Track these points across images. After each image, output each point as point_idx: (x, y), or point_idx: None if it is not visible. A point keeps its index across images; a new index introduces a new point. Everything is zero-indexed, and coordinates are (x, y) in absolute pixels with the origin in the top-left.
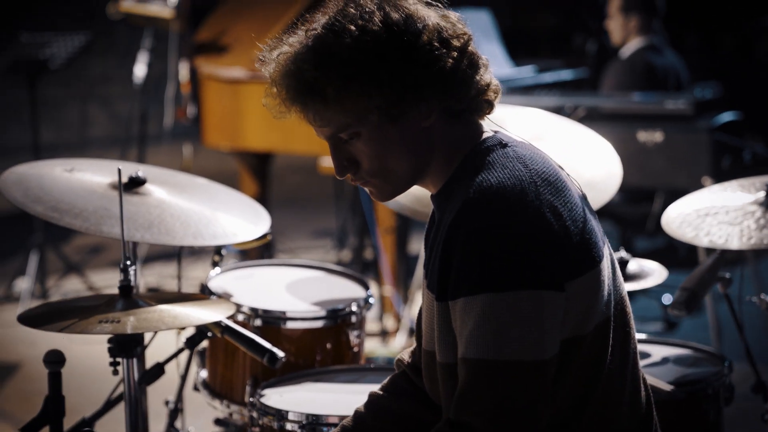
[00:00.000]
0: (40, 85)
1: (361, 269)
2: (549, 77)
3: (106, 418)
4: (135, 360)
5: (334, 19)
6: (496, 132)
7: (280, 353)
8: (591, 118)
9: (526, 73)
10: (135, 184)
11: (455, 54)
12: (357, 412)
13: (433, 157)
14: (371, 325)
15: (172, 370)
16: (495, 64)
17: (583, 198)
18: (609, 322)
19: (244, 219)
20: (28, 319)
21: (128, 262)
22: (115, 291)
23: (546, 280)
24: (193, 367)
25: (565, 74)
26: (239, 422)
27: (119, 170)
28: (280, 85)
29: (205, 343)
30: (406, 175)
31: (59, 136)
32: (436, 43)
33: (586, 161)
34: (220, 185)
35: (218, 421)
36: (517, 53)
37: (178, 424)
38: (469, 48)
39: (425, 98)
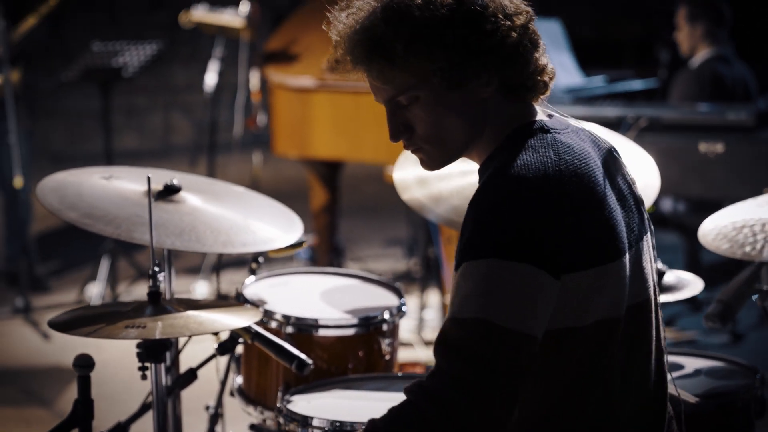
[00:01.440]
0: (123, 94)
1: (425, 277)
2: (619, 87)
3: (142, 422)
4: (163, 365)
5: None
6: (551, 116)
7: (308, 360)
8: (653, 129)
9: (596, 83)
10: (170, 191)
11: (518, 29)
12: (371, 422)
13: (485, 130)
14: (430, 333)
15: (213, 375)
16: (565, 73)
17: (624, 198)
18: (616, 324)
19: (276, 227)
20: (58, 323)
21: (156, 269)
22: (183, 296)
23: (546, 264)
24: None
25: (636, 84)
26: (273, 428)
27: (149, 178)
28: (349, 41)
29: (240, 350)
30: (459, 144)
31: (143, 143)
32: (500, 15)
33: None
34: (257, 193)
35: (253, 427)
36: (600, 63)
37: (218, 428)
38: (531, 26)
39: (486, 68)
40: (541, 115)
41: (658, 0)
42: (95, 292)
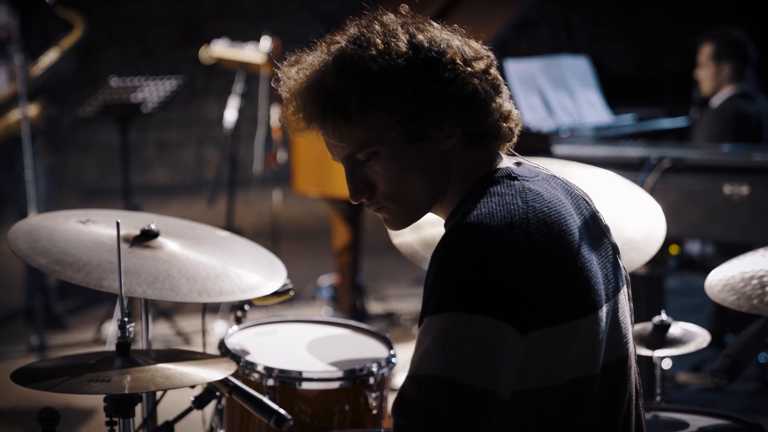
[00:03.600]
0: (156, 128)
1: None
2: (648, 126)
3: None
4: (131, 420)
5: (360, 33)
6: (519, 163)
7: (288, 416)
8: (676, 170)
9: (625, 121)
10: (147, 237)
11: (478, 75)
12: None
13: (449, 183)
14: None
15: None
16: (592, 111)
17: (600, 248)
18: (590, 382)
19: (259, 274)
20: (20, 375)
21: (126, 318)
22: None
23: (512, 318)
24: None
25: (666, 123)
26: None
27: (117, 224)
28: (300, 98)
29: (224, 402)
30: (422, 200)
31: (174, 178)
32: (459, 62)
33: (629, 221)
34: (240, 238)
35: None
36: (635, 100)
37: None
38: (491, 71)
39: (446, 117)
40: (507, 163)
41: (696, 34)
42: (112, 330)
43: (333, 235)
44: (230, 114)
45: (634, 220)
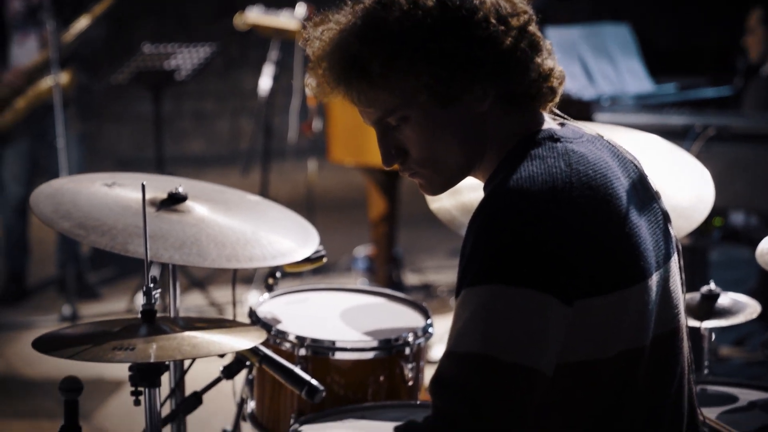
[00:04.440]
0: (192, 98)
1: None
2: (691, 95)
3: None
4: (157, 390)
5: None
6: (563, 124)
7: (320, 386)
8: (721, 139)
9: (667, 90)
10: (174, 200)
11: (514, 32)
12: None
13: (486, 146)
14: None
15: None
16: (633, 80)
17: (650, 214)
18: (640, 354)
19: (291, 240)
20: (42, 343)
21: (151, 285)
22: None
23: (555, 289)
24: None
25: (709, 92)
26: None
27: (143, 186)
28: (324, 62)
29: (254, 372)
30: (457, 165)
31: (209, 148)
32: (493, 20)
33: (677, 187)
34: (272, 203)
35: None
36: (677, 70)
37: None
38: (530, 28)
39: (479, 79)
40: (550, 124)
41: (739, 7)
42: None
43: (369, 205)
44: (265, 82)
45: (682, 185)
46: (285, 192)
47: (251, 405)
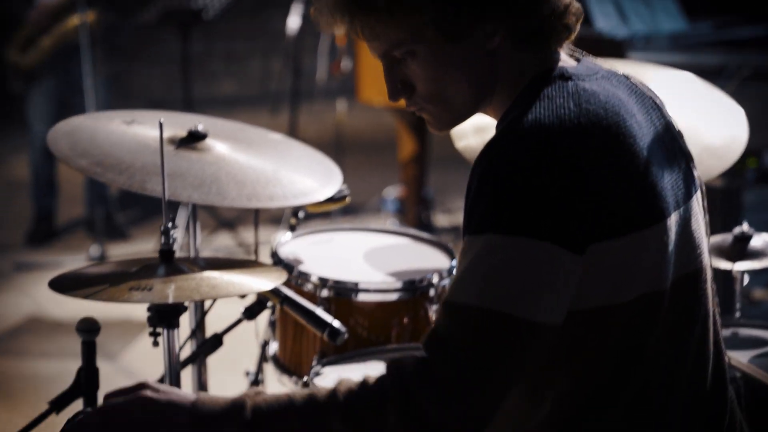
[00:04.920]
0: (223, 39)
1: None
2: (726, 34)
3: None
4: (176, 331)
5: None
6: (579, 60)
7: (342, 328)
8: (756, 78)
9: (702, 29)
10: (194, 138)
11: None
12: (337, 388)
13: (495, 84)
14: None
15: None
16: (667, 18)
17: (669, 153)
18: (659, 297)
19: (313, 179)
20: (57, 283)
21: (169, 224)
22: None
23: (561, 237)
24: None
25: (745, 32)
26: None
27: (160, 123)
28: None
29: (277, 314)
30: (465, 103)
31: (240, 89)
32: None
33: (709, 126)
34: (295, 141)
35: None
36: (717, 8)
37: None
38: None
39: (487, 16)
40: (564, 62)
41: None
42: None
43: (399, 146)
44: (293, 21)
45: (715, 124)
46: (313, 133)
47: (274, 347)
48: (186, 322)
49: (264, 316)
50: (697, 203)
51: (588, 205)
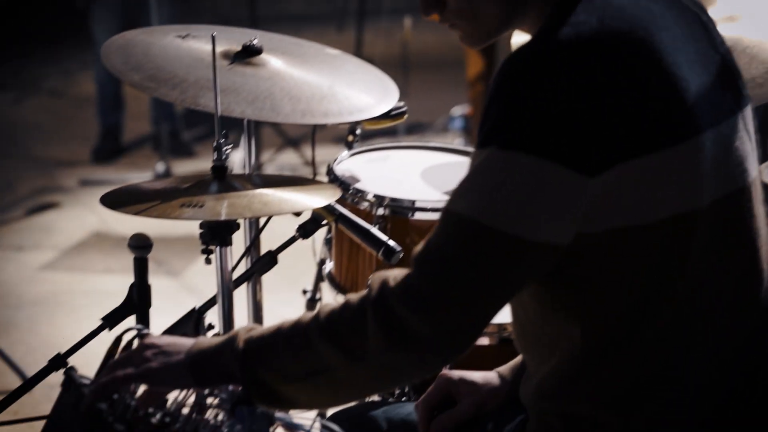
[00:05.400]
0: None
1: None
2: None
3: None
4: (229, 249)
5: None
6: None
7: (398, 247)
8: None
9: None
10: (249, 53)
11: None
12: (323, 307)
13: (528, 1)
14: None
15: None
16: None
17: (708, 69)
18: (693, 220)
19: (368, 95)
20: (109, 199)
21: (222, 140)
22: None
23: (568, 157)
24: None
25: None
26: None
27: (213, 37)
28: None
29: (333, 232)
30: (496, 19)
31: (308, 7)
32: None
33: None
34: (351, 57)
35: None
36: None
37: None
38: None
39: None
40: None
41: None
42: (238, 158)
43: (466, 64)
44: None
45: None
46: (380, 50)
47: (330, 265)
48: (242, 240)
49: (321, 235)
50: (742, 121)
51: (603, 125)
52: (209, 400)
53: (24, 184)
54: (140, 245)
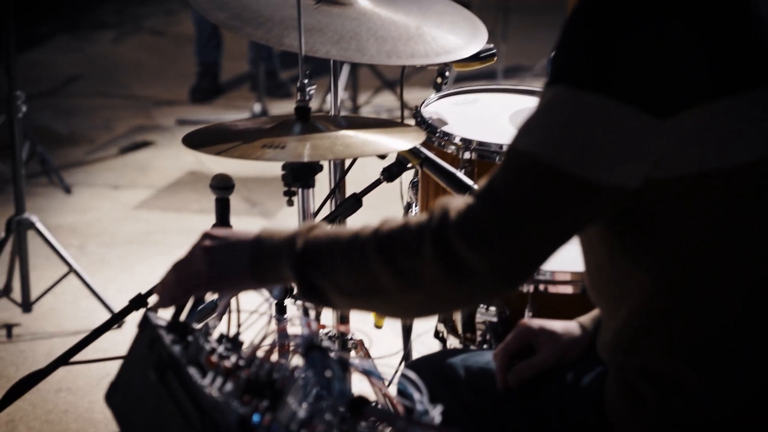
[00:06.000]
0: None
1: None
2: None
3: None
4: (311, 191)
5: None
6: None
7: None
8: None
9: None
10: None
11: None
12: (381, 224)
13: None
14: None
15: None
16: None
17: None
18: None
19: (456, 36)
20: (191, 139)
21: (306, 81)
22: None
23: (638, 98)
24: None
25: None
26: None
27: None
28: None
29: (419, 176)
30: None
31: None
32: None
33: None
34: None
35: None
36: None
37: None
38: None
39: None
40: None
41: None
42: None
43: (568, 4)
44: None
45: None
46: None
47: (416, 210)
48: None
49: (408, 178)
50: None
51: (677, 67)
52: (283, 345)
53: (122, 123)
54: (222, 186)
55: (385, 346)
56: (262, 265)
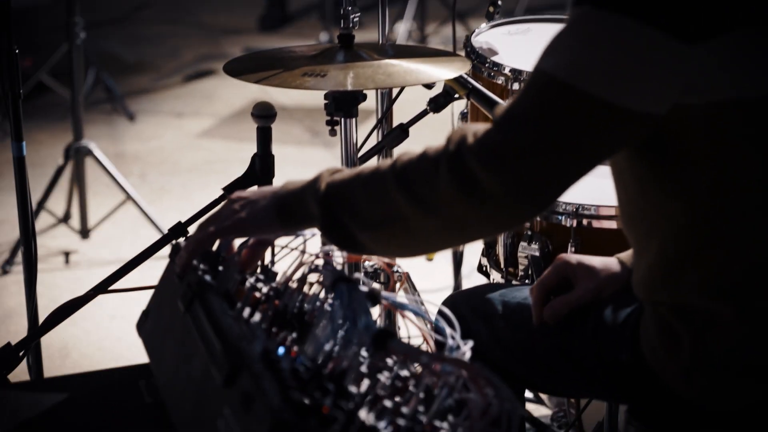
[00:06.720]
0: None
1: None
2: None
3: None
4: (354, 120)
5: None
6: None
7: None
8: None
9: None
10: None
11: None
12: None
13: None
14: None
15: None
16: None
17: None
18: None
19: None
20: (232, 67)
21: (350, 8)
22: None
23: (667, 21)
24: None
25: None
26: None
27: None
28: None
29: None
30: None
31: None
32: None
33: None
34: None
35: None
36: None
37: None
38: None
39: None
40: None
41: None
42: (402, 30)
43: None
44: None
45: None
46: None
47: None
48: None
49: (459, 108)
50: None
51: None
52: (313, 277)
53: (189, 51)
54: (263, 114)
55: (438, 279)
56: (288, 206)
